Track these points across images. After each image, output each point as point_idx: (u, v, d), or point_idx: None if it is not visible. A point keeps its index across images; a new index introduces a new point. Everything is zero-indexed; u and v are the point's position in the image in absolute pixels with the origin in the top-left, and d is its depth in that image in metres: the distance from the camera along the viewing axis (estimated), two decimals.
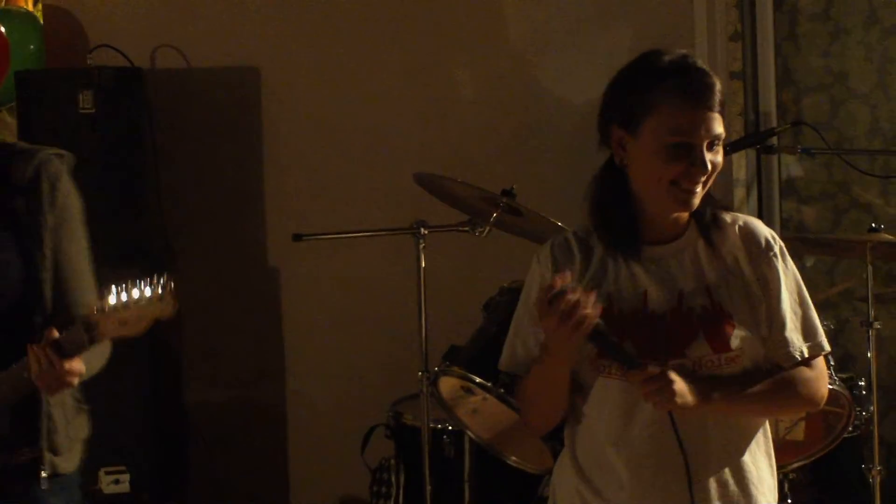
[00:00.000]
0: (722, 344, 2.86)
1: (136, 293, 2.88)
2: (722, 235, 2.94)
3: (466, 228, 4.64)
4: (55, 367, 2.94)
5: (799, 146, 5.06)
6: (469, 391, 4.56)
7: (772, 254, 2.93)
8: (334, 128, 6.02)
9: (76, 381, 3.01)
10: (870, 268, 4.53)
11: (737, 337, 2.87)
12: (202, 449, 6.06)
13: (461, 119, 5.94)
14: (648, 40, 5.64)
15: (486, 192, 4.55)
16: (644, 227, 2.92)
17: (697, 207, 2.91)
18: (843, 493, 3.23)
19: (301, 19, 6.02)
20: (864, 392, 4.69)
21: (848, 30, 5.76)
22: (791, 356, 2.92)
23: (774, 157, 5.67)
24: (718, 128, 2.83)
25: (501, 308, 4.60)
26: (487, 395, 4.45)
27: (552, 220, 4.53)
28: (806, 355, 2.94)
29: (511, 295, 4.61)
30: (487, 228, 4.60)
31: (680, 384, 2.77)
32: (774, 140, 5.13)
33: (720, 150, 2.86)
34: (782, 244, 2.98)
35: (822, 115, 5.76)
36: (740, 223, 2.97)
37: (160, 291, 2.87)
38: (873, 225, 4.56)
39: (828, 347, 3.00)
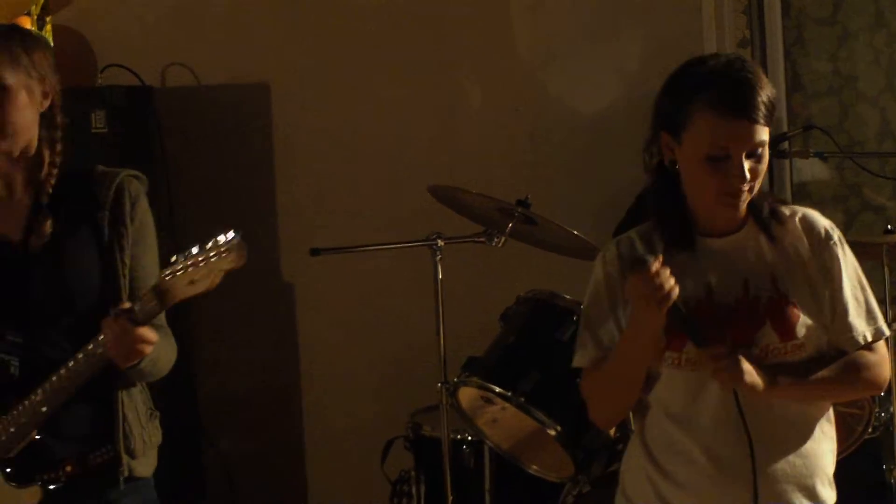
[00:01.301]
0: (788, 332, 2.94)
1: (202, 250, 3.02)
2: (782, 228, 3.02)
3: (482, 239, 4.64)
4: (128, 335, 3.08)
5: (811, 150, 5.08)
6: (489, 401, 4.56)
7: (832, 243, 3.01)
8: (345, 142, 6.03)
9: (148, 349, 3.15)
10: (886, 270, 4.55)
11: (802, 325, 2.95)
12: (220, 464, 6.06)
13: (471, 130, 5.95)
14: (657, 48, 5.69)
15: (501, 202, 4.56)
16: (702, 220, 3.00)
17: (755, 202, 2.97)
18: (862, 496, 3.24)
19: (309, 35, 6.03)
20: (882, 393, 4.69)
21: (855, 33, 5.78)
22: (855, 341, 3.01)
23: (786, 162, 5.68)
24: (759, 136, 2.88)
25: (519, 318, 4.61)
26: (507, 405, 4.45)
27: (567, 228, 4.54)
28: (869, 339, 3.02)
29: (528, 304, 4.63)
30: (504, 239, 4.61)
31: (747, 364, 2.86)
32: (786, 145, 5.14)
33: (764, 155, 2.91)
34: (840, 234, 3.05)
35: (832, 118, 5.78)
36: (799, 215, 3.05)
37: (227, 244, 3.01)
38: (889, 227, 4.58)
39: (888, 331, 3.07)
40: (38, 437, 3.23)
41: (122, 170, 3.45)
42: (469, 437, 4.80)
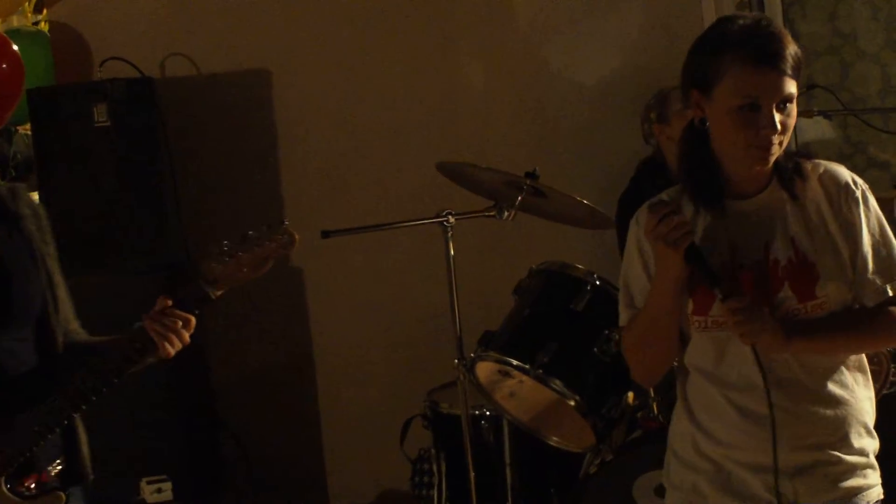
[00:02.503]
0: (807, 293, 2.98)
1: (251, 237, 3.10)
2: (804, 186, 3.03)
3: (493, 213, 4.64)
4: (190, 324, 3.15)
5: (815, 109, 5.07)
6: (506, 375, 4.57)
7: (852, 199, 3.02)
8: (348, 124, 6.02)
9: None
10: None
11: (822, 285, 2.98)
12: (239, 453, 6.06)
13: (474, 107, 5.94)
14: (656, 17, 5.69)
15: (510, 175, 4.56)
16: (728, 182, 3.04)
17: (779, 161, 3.01)
18: (881, 452, 3.24)
19: (308, 18, 6.01)
20: None
21: None
22: (877, 296, 3.03)
23: None
24: (788, 88, 2.93)
25: (532, 290, 4.62)
26: (525, 378, 4.46)
27: (577, 198, 4.54)
28: (891, 294, 3.03)
29: (541, 277, 4.63)
30: (514, 212, 4.61)
31: (768, 315, 2.92)
32: None
33: (793, 110, 2.96)
34: (865, 186, 3.07)
35: (834, 77, 5.78)
36: (821, 171, 3.06)
37: (275, 230, 3.09)
38: None
39: None
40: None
41: (14, 184, 3.49)
42: (487, 412, 4.82)
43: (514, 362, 4.42)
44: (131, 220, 5.58)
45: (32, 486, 3.18)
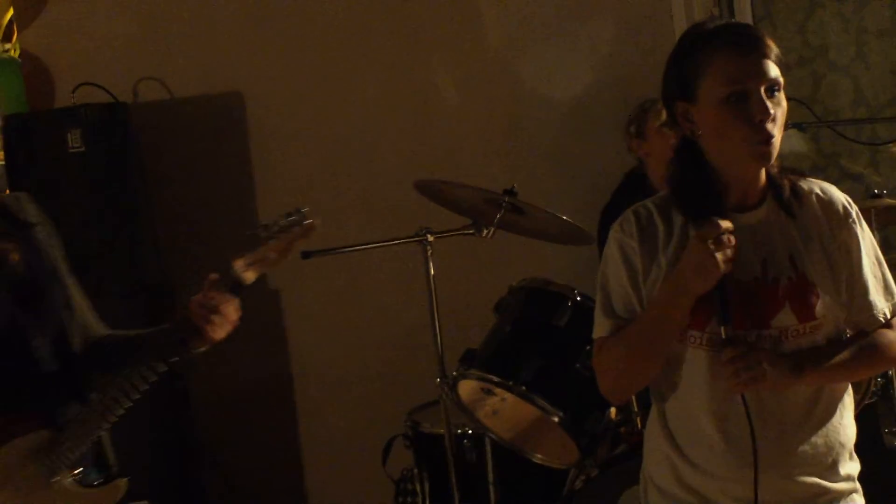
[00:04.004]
0: (807, 314, 2.90)
1: (274, 224, 3.31)
2: (801, 205, 2.96)
3: (472, 231, 4.63)
4: (218, 303, 3.32)
5: (789, 122, 5.09)
6: (488, 392, 4.55)
7: (850, 220, 2.97)
8: (322, 145, 6.02)
9: None
10: (877, 235, 4.56)
11: (822, 304, 2.91)
12: (219, 475, 6.03)
13: (448, 124, 5.95)
14: (627, 29, 5.71)
15: (488, 192, 4.55)
16: (727, 189, 2.93)
17: (773, 178, 2.94)
18: (862, 461, 3.24)
19: (280, 40, 6.02)
20: None
21: (822, 3, 5.81)
22: (875, 319, 2.98)
23: None
24: (773, 72, 2.83)
25: (513, 307, 4.60)
26: (507, 395, 4.45)
27: (555, 213, 4.54)
28: (888, 316, 2.99)
29: (521, 293, 4.62)
30: (492, 230, 4.60)
31: (768, 364, 2.83)
32: None
33: (782, 97, 2.86)
34: (857, 208, 3.01)
35: (806, 89, 5.80)
36: (817, 190, 3.00)
37: (296, 219, 3.30)
38: (875, 191, 4.60)
39: None
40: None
41: (17, 192, 3.59)
42: (470, 431, 4.80)
43: (498, 379, 4.41)
44: (107, 244, 5.57)
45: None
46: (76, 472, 3.37)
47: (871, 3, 5.75)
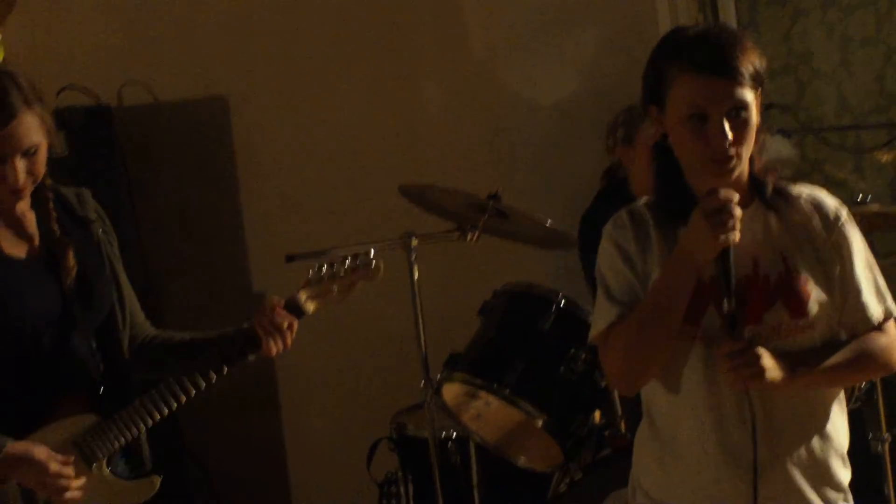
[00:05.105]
0: (800, 309, 2.89)
1: (335, 266, 3.61)
2: (790, 206, 2.96)
3: (456, 235, 4.64)
4: (284, 322, 3.61)
5: (774, 128, 5.10)
6: (473, 396, 4.57)
7: (841, 222, 2.97)
8: (307, 150, 6.02)
9: None
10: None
11: (815, 302, 2.90)
12: (203, 479, 6.02)
13: (433, 129, 5.96)
14: (612, 37, 5.72)
15: (472, 197, 4.56)
16: (700, 194, 2.90)
17: (758, 180, 2.94)
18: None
19: (265, 44, 6.02)
20: None
21: (807, 11, 5.81)
22: (868, 321, 2.96)
23: None
24: (738, 95, 2.82)
25: (498, 311, 4.62)
26: (491, 399, 4.46)
27: (539, 218, 4.55)
28: (881, 319, 2.98)
29: (505, 297, 4.63)
30: (477, 234, 4.61)
31: (767, 359, 2.81)
32: None
33: (749, 117, 2.84)
34: (848, 212, 3.02)
35: (790, 96, 5.81)
36: (806, 193, 3.00)
37: (361, 260, 3.60)
38: (860, 197, 4.61)
39: None
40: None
41: (78, 188, 3.67)
42: (454, 434, 4.81)
43: (482, 383, 4.42)
44: None
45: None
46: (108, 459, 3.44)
47: (855, 11, 5.76)
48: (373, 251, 3.66)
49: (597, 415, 4.53)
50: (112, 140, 5.76)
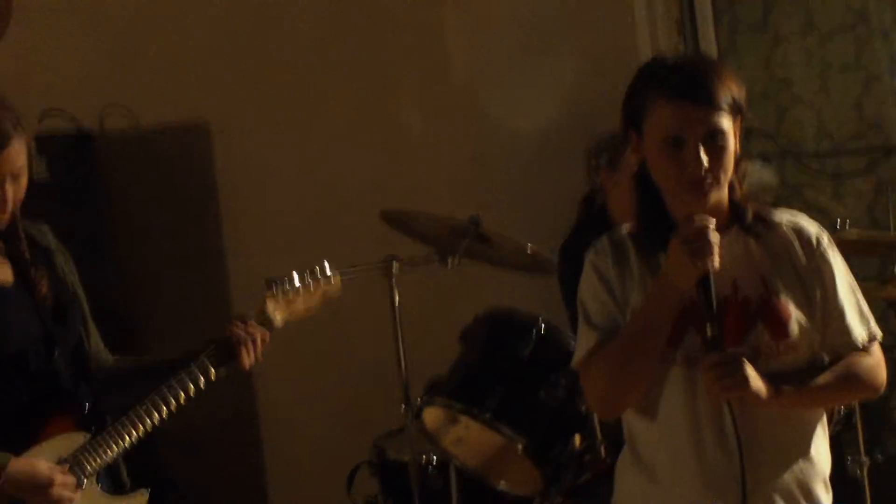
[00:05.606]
0: (781, 331, 2.91)
1: (299, 281, 3.81)
2: (770, 231, 2.99)
3: (437, 260, 4.64)
4: (257, 332, 3.72)
5: (754, 153, 5.13)
6: (453, 420, 4.57)
7: (822, 247, 3.00)
8: (288, 176, 6.02)
9: None
10: None
11: (795, 323, 2.91)
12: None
13: (414, 155, 5.97)
14: (592, 63, 5.73)
15: (454, 221, 4.57)
16: (679, 220, 2.93)
17: (738, 206, 2.96)
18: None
19: (246, 70, 6.02)
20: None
21: (787, 37, 5.84)
22: (852, 344, 2.98)
23: None
24: (714, 121, 2.85)
25: (478, 336, 4.62)
26: (472, 423, 4.46)
27: (520, 242, 4.55)
28: (865, 341, 2.99)
29: (486, 322, 4.64)
30: (458, 259, 4.61)
31: (752, 370, 2.82)
32: None
33: (726, 142, 2.87)
34: (829, 236, 3.04)
35: (770, 122, 5.83)
36: (786, 219, 3.02)
37: (324, 275, 3.82)
38: (839, 223, 4.63)
39: (880, 333, 3.04)
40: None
41: (37, 222, 3.72)
42: (435, 459, 4.80)
43: (462, 407, 4.42)
44: None
45: None
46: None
47: (834, 38, 5.79)
48: (326, 263, 3.87)
49: (577, 439, 4.52)
50: (93, 165, 5.75)
